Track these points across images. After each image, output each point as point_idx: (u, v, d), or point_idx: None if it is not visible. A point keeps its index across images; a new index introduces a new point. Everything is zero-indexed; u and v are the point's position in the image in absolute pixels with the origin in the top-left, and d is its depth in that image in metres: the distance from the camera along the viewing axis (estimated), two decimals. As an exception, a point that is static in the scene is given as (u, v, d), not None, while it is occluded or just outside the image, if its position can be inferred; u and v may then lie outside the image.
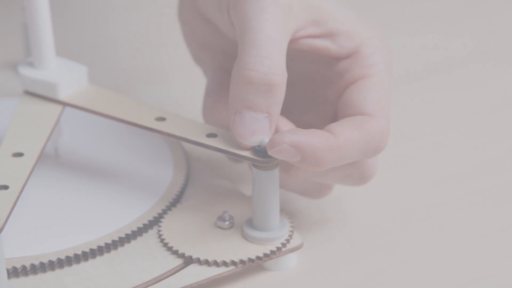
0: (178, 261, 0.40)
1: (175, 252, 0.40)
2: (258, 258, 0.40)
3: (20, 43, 0.58)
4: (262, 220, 0.41)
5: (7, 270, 0.39)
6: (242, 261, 0.40)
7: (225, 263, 0.40)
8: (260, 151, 0.39)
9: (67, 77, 0.45)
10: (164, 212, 0.44)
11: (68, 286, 0.39)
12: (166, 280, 0.39)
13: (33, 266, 0.39)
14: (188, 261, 0.40)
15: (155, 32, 0.67)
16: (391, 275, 0.42)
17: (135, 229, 0.42)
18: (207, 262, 0.40)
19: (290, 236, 0.42)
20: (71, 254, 0.40)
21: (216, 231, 0.42)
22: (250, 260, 0.40)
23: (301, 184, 0.44)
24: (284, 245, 0.41)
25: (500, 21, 0.70)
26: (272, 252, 0.41)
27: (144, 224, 0.42)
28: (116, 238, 0.41)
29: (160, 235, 0.42)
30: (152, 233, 0.43)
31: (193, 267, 0.40)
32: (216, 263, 0.40)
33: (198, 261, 0.40)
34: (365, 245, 0.45)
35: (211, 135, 0.41)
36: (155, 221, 0.43)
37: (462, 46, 0.66)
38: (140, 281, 0.39)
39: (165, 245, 0.41)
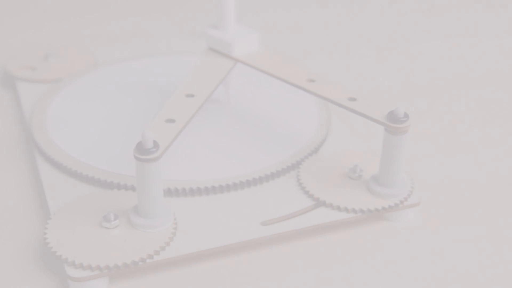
0: (310, 203, 0.46)
1: (310, 195, 0.46)
2: (383, 208, 0.45)
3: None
4: (387, 178, 0.45)
5: (165, 190, 0.46)
6: (369, 210, 0.45)
7: (354, 210, 0.45)
8: (393, 118, 0.44)
9: (240, 39, 0.51)
10: (302, 159, 0.49)
11: (212, 210, 0.45)
12: (298, 217, 0.44)
13: (184, 189, 0.46)
14: (320, 203, 0.45)
15: None
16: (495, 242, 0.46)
17: (279, 169, 0.48)
18: (338, 208, 0.45)
19: (410, 193, 0.46)
20: (223, 184, 0.46)
21: (345, 181, 0.47)
22: (377, 210, 0.45)
23: None
24: (402, 201, 0.45)
25: None
26: (391, 206, 0.45)
27: (288, 166, 0.48)
28: (262, 175, 0.47)
29: (298, 178, 0.48)
30: (291, 175, 0.48)
31: (322, 210, 0.45)
32: (345, 209, 0.45)
33: (331, 205, 0.45)
34: (480, 211, 0.48)
35: (352, 99, 0.47)
36: (295, 166, 0.49)
37: None
38: (275, 215, 0.45)
39: (302, 187, 0.47)
